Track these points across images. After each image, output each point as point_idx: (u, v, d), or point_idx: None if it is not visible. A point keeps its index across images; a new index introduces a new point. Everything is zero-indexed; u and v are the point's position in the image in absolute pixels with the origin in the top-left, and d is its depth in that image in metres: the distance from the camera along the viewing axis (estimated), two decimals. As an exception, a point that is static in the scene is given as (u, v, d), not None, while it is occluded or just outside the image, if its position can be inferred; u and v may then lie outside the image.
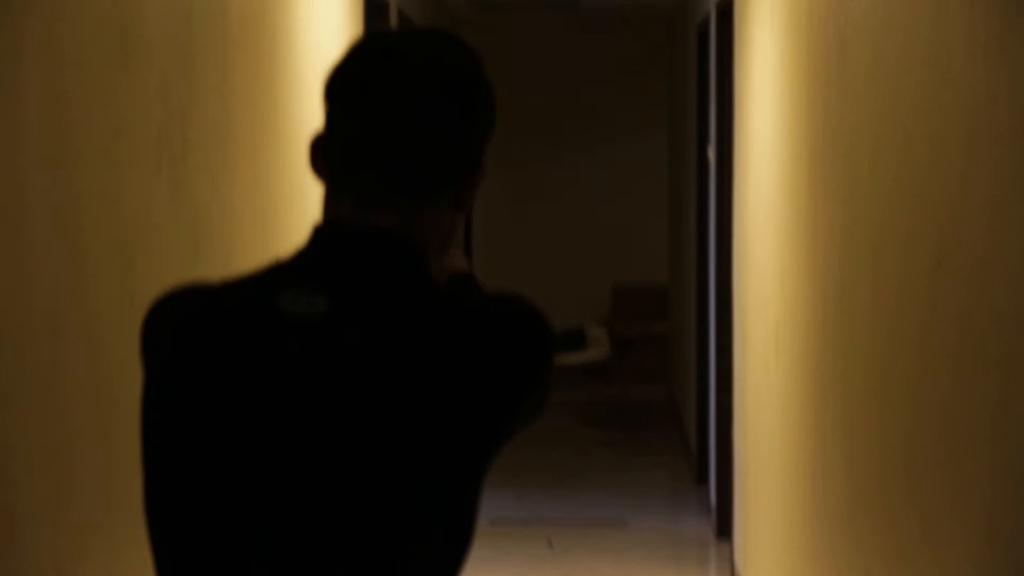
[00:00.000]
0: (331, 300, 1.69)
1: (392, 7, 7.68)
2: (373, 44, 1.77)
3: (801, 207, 4.35)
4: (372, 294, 1.70)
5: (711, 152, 7.73)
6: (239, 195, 4.22)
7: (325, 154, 1.77)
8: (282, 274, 1.73)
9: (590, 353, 2.92)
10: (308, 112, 5.34)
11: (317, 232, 1.75)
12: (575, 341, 2.73)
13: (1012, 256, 2.15)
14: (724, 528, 7.27)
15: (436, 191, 1.76)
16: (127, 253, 3.23)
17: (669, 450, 9.79)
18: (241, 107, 4.25)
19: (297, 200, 5.10)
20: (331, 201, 1.76)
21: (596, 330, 2.86)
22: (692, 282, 9.06)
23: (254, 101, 4.44)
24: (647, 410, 11.41)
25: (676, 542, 7.62)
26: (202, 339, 1.71)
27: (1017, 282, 2.12)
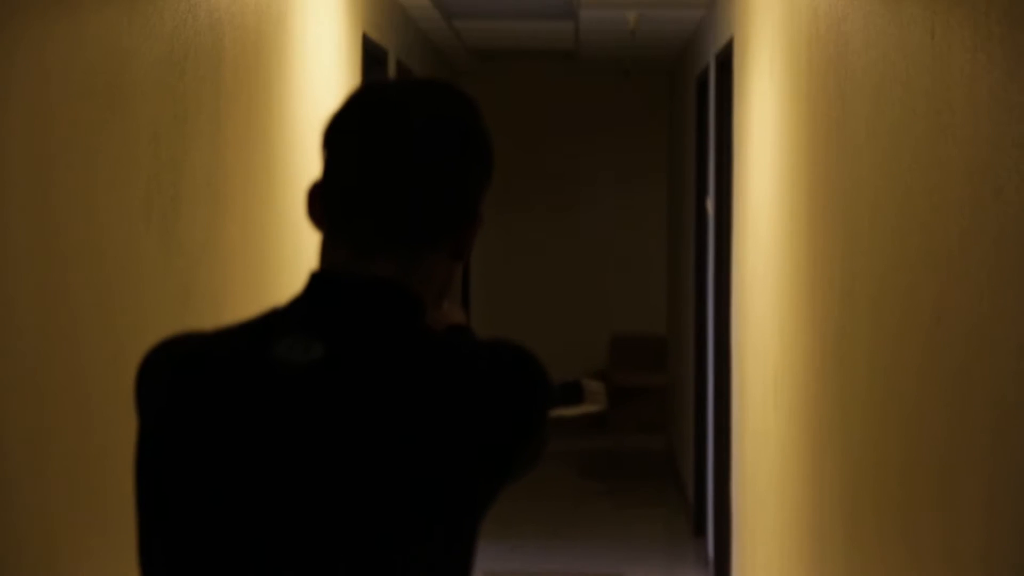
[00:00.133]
0: (327, 348, 1.69)
1: (391, 57, 7.71)
2: (371, 94, 1.78)
3: (800, 260, 4.35)
4: (368, 342, 1.70)
5: (710, 204, 7.73)
6: (231, 246, 4.20)
7: (322, 202, 1.77)
8: (278, 322, 1.73)
9: (586, 406, 2.90)
10: (303, 164, 5.32)
11: (313, 280, 1.75)
12: (572, 395, 2.71)
13: (1012, 314, 2.13)
14: (722, 581, 7.23)
15: (433, 240, 1.76)
16: (113, 304, 3.20)
17: (666, 501, 9.75)
18: (235, 158, 4.23)
19: (290, 252, 5.07)
20: (328, 249, 1.77)
21: (593, 383, 2.84)
22: (691, 333, 9.05)
23: (248, 152, 4.43)
24: (644, 461, 11.38)
25: (673, 595, 7.58)
26: (197, 387, 1.70)
27: (1017, 340, 2.11)
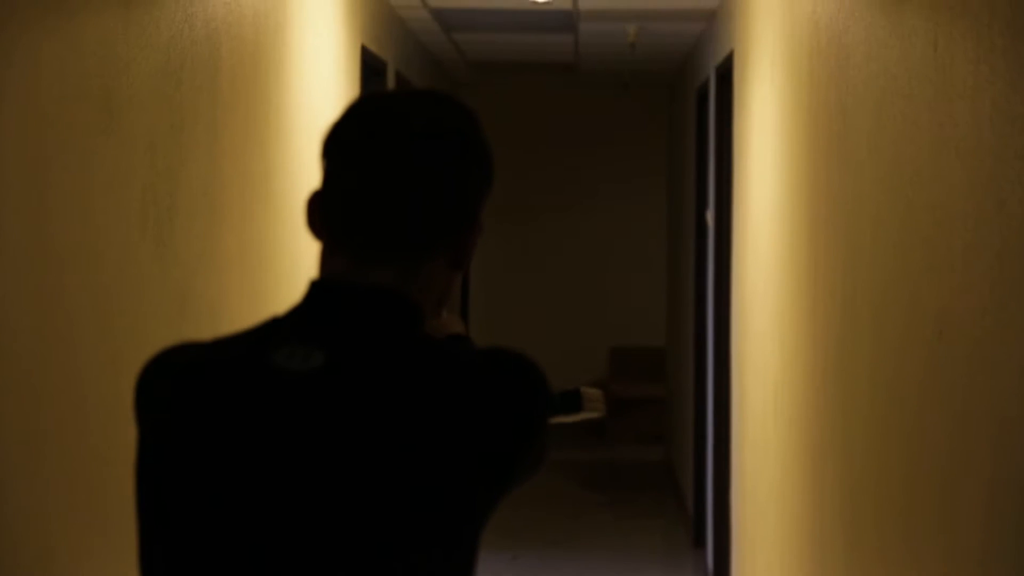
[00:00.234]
0: (327, 356, 1.69)
1: (390, 69, 7.70)
2: (371, 104, 1.80)
3: (801, 273, 4.35)
4: (368, 350, 1.71)
5: (710, 216, 7.74)
6: (228, 256, 4.18)
7: (322, 212, 1.78)
8: (277, 330, 1.73)
9: (585, 414, 2.92)
10: (301, 174, 5.30)
11: (313, 289, 1.76)
12: (571, 403, 2.72)
13: (1016, 327, 2.13)
14: (721, 594, 7.22)
15: (433, 249, 1.77)
16: (109, 311, 3.18)
17: (665, 512, 9.75)
18: (231, 168, 4.22)
19: (288, 262, 5.06)
20: (327, 258, 1.78)
21: (591, 390, 2.87)
22: (690, 344, 9.05)
23: (245, 162, 4.41)
24: (643, 472, 11.37)
25: (672, 607, 7.57)
26: (197, 396, 1.71)
27: (1021, 353, 2.11)
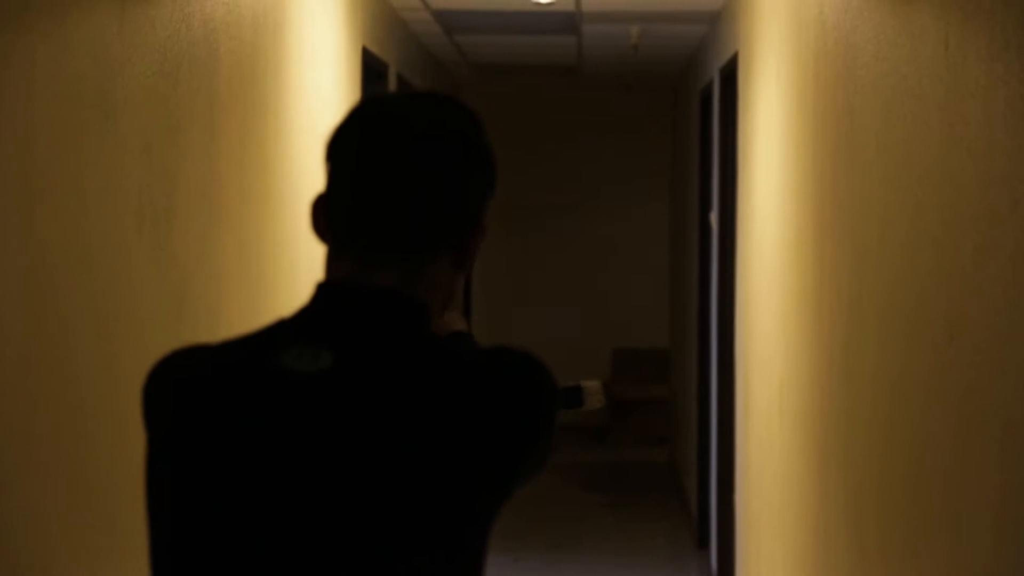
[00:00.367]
0: (334, 357, 1.70)
1: (391, 71, 7.68)
2: (373, 106, 1.81)
3: (807, 274, 4.34)
4: (375, 351, 1.72)
5: (713, 218, 7.72)
6: (226, 258, 4.16)
7: (326, 215, 1.79)
8: (284, 332, 1.75)
9: (587, 407, 2.95)
10: (300, 176, 5.27)
11: (319, 290, 1.77)
12: (573, 398, 2.75)
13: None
14: (725, 596, 7.21)
15: (437, 250, 1.78)
16: (106, 314, 3.16)
17: (669, 514, 9.73)
18: (229, 170, 4.19)
19: (287, 264, 5.03)
20: (333, 260, 1.79)
21: (591, 383, 2.91)
22: (693, 346, 9.04)
23: (243, 164, 4.39)
24: (646, 473, 11.35)
25: (676, 609, 7.56)
26: (206, 398, 1.72)
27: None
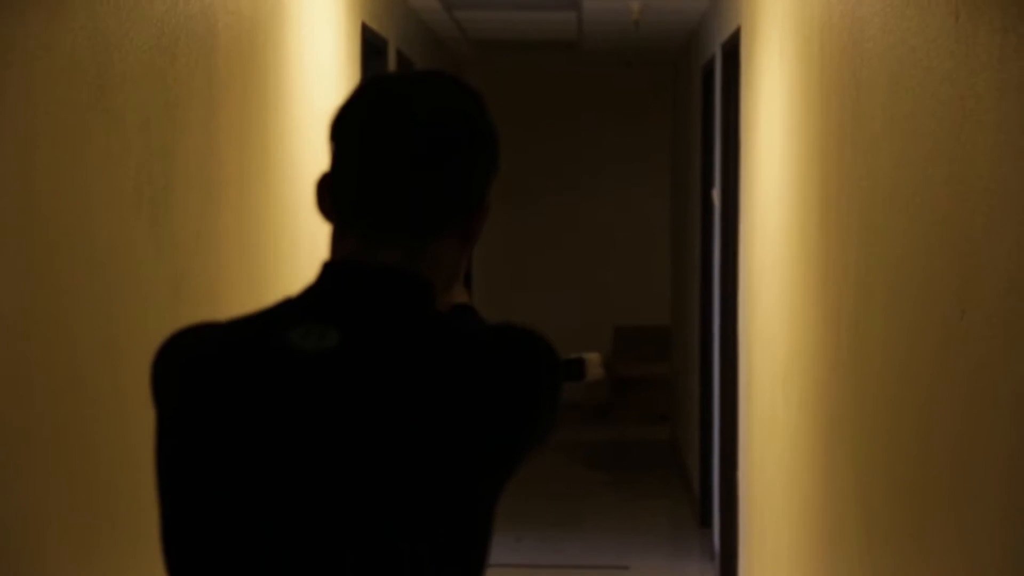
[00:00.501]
0: (341, 335, 1.72)
1: (390, 47, 7.66)
2: (377, 86, 1.83)
3: (811, 251, 4.30)
4: (381, 329, 1.74)
5: (716, 194, 7.69)
6: (226, 236, 4.13)
7: (331, 194, 1.81)
8: (292, 311, 1.77)
9: (589, 378, 3.00)
10: (300, 153, 5.26)
11: (325, 269, 1.79)
12: (575, 371, 2.81)
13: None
14: (728, 574, 7.19)
15: (441, 229, 1.80)
16: (104, 294, 3.14)
17: (670, 492, 9.73)
18: (228, 146, 4.17)
19: (287, 242, 5.01)
20: (338, 239, 1.81)
21: (592, 356, 2.97)
22: (695, 323, 9.02)
23: (242, 140, 4.36)
24: (648, 452, 11.35)
25: (679, 587, 7.55)
26: (214, 376, 1.74)
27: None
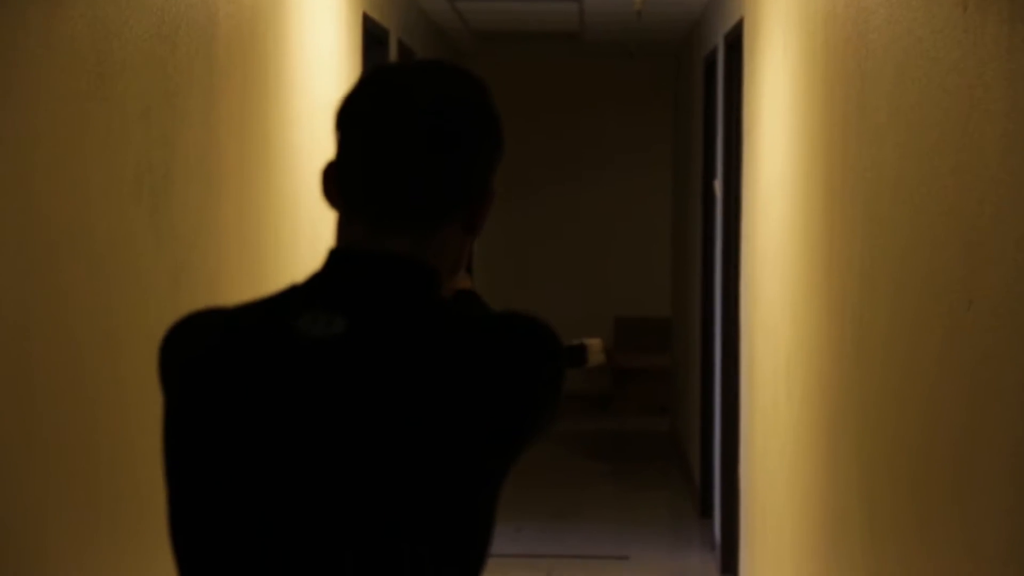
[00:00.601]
0: (347, 322, 1.74)
1: (392, 38, 7.65)
2: (382, 75, 1.84)
3: (815, 242, 4.29)
4: (387, 316, 1.76)
5: (717, 186, 7.68)
6: (226, 226, 4.12)
7: (337, 182, 1.83)
8: (299, 297, 1.79)
9: (590, 364, 3.02)
10: (300, 142, 5.24)
11: (332, 256, 1.81)
12: (577, 357, 2.83)
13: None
14: (729, 565, 7.19)
15: (446, 216, 1.82)
16: (102, 286, 3.12)
17: (671, 483, 9.72)
18: (229, 136, 4.15)
19: (287, 232, 5.00)
20: (344, 226, 1.83)
21: (593, 341, 2.99)
22: (697, 314, 9.01)
23: (243, 130, 4.35)
24: (648, 442, 11.35)
25: (679, 578, 7.54)
26: (222, 361, 1.76)
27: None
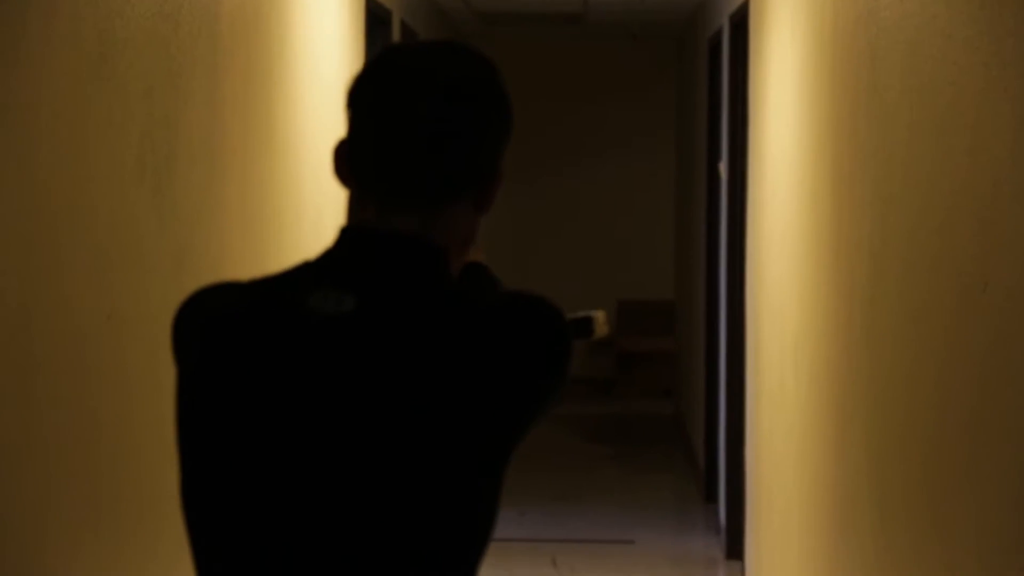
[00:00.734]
0: (358, 300, 1.77)
1: (395, 18, 7.62)
2: (393, 55, 1.87)
3: (823, 223, 4.25)
4: (396, 295, 1.79)
5: (723, 168, 7.63)
6: (229, 207, 4.09)
7: (348, 161, 1.85)
8: (310, 274, 1.82)
9: (596, 335, 3.07)
10: (304, 123, 5.22)
11: (343, 235, 1.84)
12: (583, 329, 2.88)
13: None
14: (735, 549, 7.16)
15: (456, 195, 1.84)
16: (104, 268, 3.10)
17: (675, 467, 9.71)
18: (232, 116, 4.13)
19: (291, 214, 4.98)
20: (355, 205, 1.85)
21: (599, 313, 3.04)
22: (701, 297, 8.98)
23: (246, 110, 4.32)
24: (652, 426, 11.33)
25: (684, 562, 7.52)
26: (234, 336, 1.80)
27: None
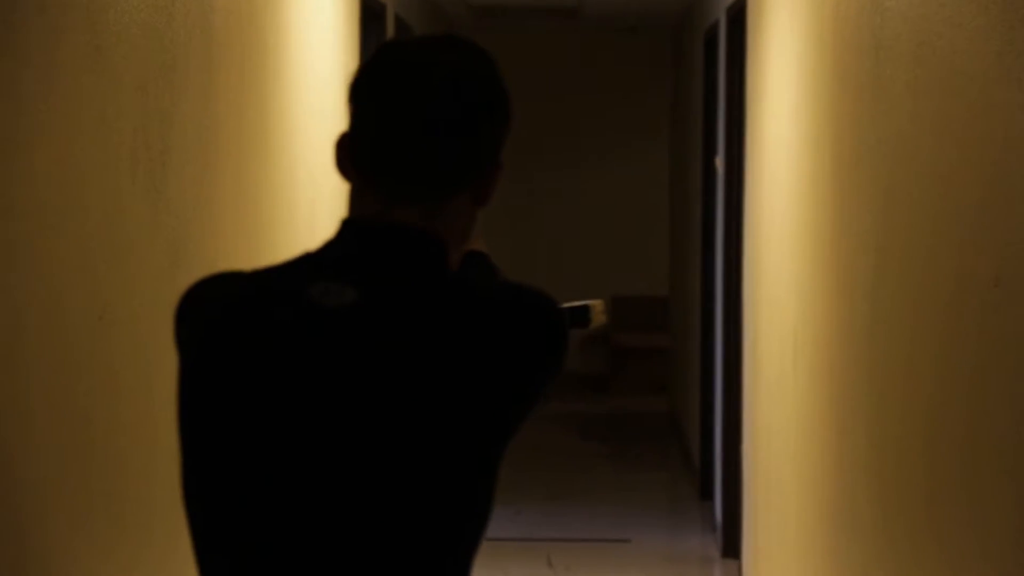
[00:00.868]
0: (359, 292, 1.80)
1: (389, 12, 7.61)
2: (393, 49, 1.91)
3: (823, 217, 4.22)
4: (397, 287, 1.82)
5: (719, 162, 7.59)
6: (223, 202, 4.07)
7: (350, 154, 1.88)
8: (311, 266, 1.84)
9: (594, 325, 3.07)
10: (298, 118, 5.22)
11: (345, 227, 1.86)
12: (580, 318, 2.88)
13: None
14: (731, 547, 7.12)
15: (456, 187, 1.87)
16: (96, 264, 3.06)
17: (670, 464, 9.67)
18: (227, 110, 4.11)
19: (286, 210, 4.97)
20: (357, 198, 1.88)
21: (596, 303, 3.04)
22: (696, 293, 8.94)
23: (241, 105, 4.30)
24: (647, 423, 11.29)
25: (680, 561, 7.48)
26: (236, 326, 1.82)
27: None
